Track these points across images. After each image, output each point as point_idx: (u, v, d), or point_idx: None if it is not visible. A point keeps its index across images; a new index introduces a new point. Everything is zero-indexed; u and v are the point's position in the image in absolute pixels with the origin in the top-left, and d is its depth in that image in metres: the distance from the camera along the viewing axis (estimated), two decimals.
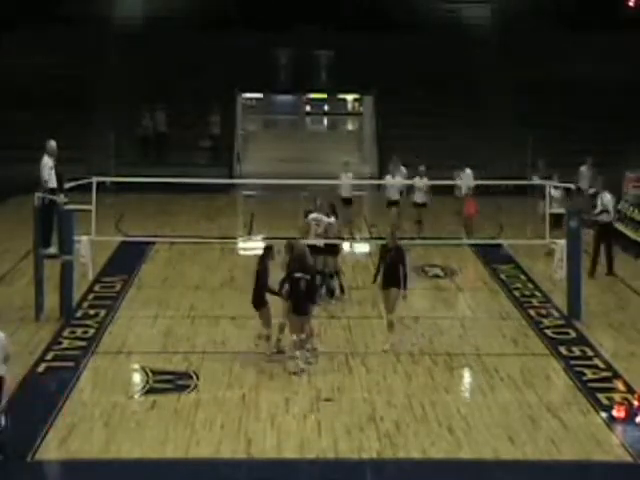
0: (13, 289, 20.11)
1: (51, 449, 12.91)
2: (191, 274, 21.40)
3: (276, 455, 12.89)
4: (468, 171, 25.07)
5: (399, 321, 17.82)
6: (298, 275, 15.49)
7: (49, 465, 12.84)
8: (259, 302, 15.98)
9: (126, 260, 22.14)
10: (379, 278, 16.76)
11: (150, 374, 15.53)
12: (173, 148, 34.54)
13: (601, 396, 14.80)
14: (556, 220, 20.57)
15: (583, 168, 26.92)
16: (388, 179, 25.00)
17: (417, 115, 34.80)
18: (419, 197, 24.60)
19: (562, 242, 18.70)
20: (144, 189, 26.18)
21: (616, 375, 15.72)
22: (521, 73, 36.04)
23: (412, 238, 22.90)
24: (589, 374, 15.76)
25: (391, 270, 16.46)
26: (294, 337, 15.50)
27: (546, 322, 18.30)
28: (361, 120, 44.93)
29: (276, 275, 16.14)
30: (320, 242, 18.89)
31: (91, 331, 17.51)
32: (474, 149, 29.38)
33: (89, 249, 18.63)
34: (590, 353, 16.74)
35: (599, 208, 21.71)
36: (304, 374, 15.31)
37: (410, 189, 24.84)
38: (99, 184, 19.89)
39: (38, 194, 18.19)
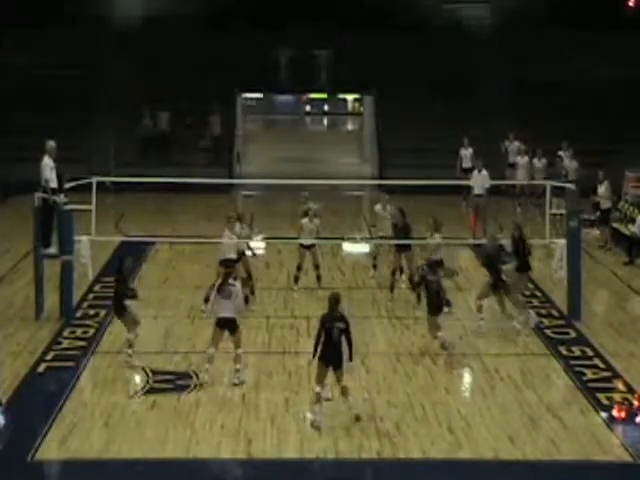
0: (13, 289, 20.11)
1: (51, 449, 12.92)
2: (191, 274, 21.39)
3: (276, 455, 12.90)
4: (484, 172, 24.97)
5: (399, 321, 17.92)
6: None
7: (49, 465, 12.85)
8: (120, 310, 16.02)
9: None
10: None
11: (150, 374, 15.54)
12: (173, 148, 34.54)
13: (601, 396, 14.81)
14: None
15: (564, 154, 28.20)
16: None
17: (417, 115, 34.79)
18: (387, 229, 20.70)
19: (562, 242, 18.72)
20: (144, 189, 26.17)
21: (616, 375, 15.73)
22: (521, 73, 36.03)
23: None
24: (589, 374, 15.77)
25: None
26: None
27: (546, 322, 18.29)
28: (361, 120, 44.92)
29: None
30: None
31: (91, 331, 17.51)
32: (477, 149, 29.35)
33: (89, 249, 18.64)
34: (590, 353, 16.75)
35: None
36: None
37: None
38: (99, 184, 19.91)
39: (38, 194, 18.20)
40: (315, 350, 13.84)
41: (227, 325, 15.09)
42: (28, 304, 18.43)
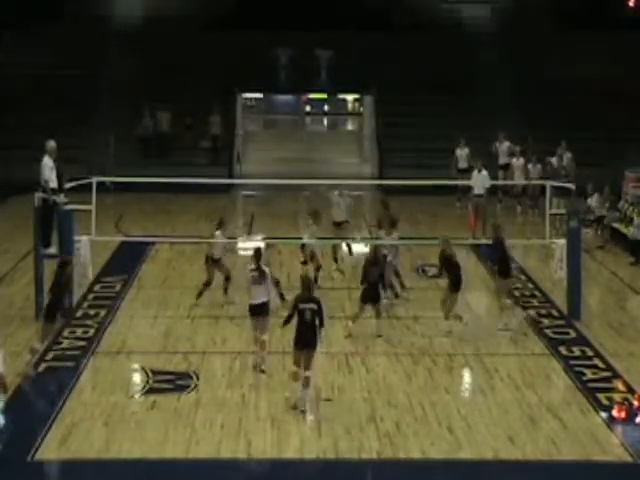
0: (13, 289, 20.11)
1: (51, 449, 12.92)
2: (191, 274, 21.38)
3: (276, 455, 12.90)
4: (484, 172, 24.93)
5: (399, 321, 17.90)
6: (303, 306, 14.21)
7: (49, 465, 12.85)
8: (52, 318, 15.55)
9: (126, 260, 22.13)
10: None
11: (150, 374, 15.55)
12: (173, 148, 34.56)
13: (601, 396, 14.82)
14: None
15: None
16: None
17: (417, 115, 34.81)
18: (338, 215, 21.76)
19: (562, 242, 18.72)
20: (144, 189, 26.18)
21: (616, 375, 15.73)
22: (521, 73, 36.04)
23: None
24: (589, 374, 15.77)
25: None
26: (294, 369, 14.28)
27: (546, 322, 18.30)
28: (361, 120, 44.93)
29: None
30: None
31: (91, 331, 17.52)
32: (474, 149, 29.35)
33: (89, 249, 18.64)
34: (590, 353, 16.76)
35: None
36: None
37: None
38: (99, 184, 19.93)
39: (38, 194, 18.21)
40: (286, 321, 14.23)
41: (258, 310, 15.34)
42: (28, 304, 18.43)
